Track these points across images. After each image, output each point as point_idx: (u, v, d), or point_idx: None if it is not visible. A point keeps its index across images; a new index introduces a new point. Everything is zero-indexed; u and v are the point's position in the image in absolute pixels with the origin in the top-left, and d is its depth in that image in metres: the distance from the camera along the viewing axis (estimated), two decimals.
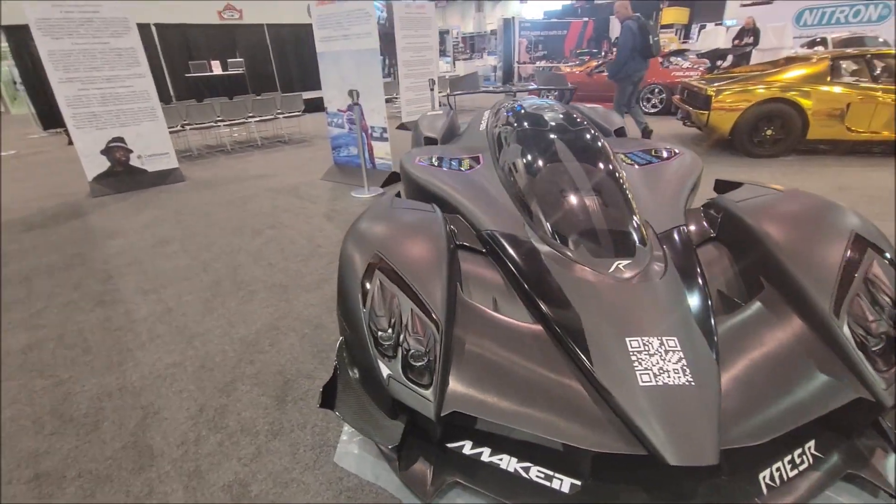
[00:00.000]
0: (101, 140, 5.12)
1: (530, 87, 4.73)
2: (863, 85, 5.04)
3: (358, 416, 1.49)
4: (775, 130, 5.27)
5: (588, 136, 2.57)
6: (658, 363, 1.34)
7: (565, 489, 1.35)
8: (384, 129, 4.87)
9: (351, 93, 4.56)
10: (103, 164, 5.21)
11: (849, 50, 5.97)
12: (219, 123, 7.20)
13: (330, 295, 2.77)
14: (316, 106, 10.05)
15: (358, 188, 4.84)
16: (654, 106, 8.59)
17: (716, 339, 1.44)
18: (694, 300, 1.55)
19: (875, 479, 1.35)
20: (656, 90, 8.53)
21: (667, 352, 1.36)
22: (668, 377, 1.30)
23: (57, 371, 2.21)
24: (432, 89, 5.87)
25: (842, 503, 1.38)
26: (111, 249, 3.67)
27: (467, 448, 1.48)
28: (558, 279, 1.65)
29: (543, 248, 1.84)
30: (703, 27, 23.09)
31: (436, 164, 2.87)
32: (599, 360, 1.37)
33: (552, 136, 2.58)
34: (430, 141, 3.82)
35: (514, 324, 1.63)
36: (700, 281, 1.65)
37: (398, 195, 2.40)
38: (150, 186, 5.42)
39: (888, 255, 1.57)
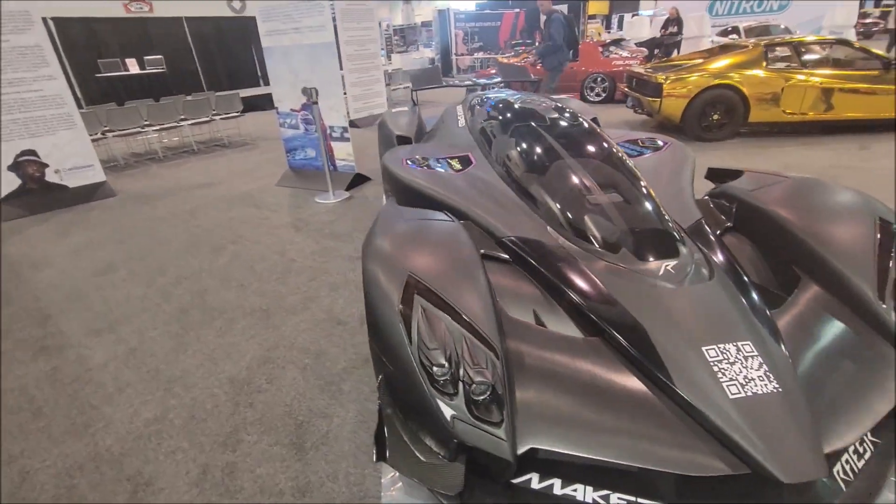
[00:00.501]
0: (7, 154, 4.38)
1: (496, 80, 4.64)
2: (793, 70, 5.43)
3: (413, 464, 1.31)
4: (721, 115, 5.56)
5: (590, 131, 2.49)
6: (741, 371, 1.27)
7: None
8: (345, 129, 4.57)
9: (308, 91, 4.22)
10: (13, 182, 4.48)
11: (779, 37, 6.41)
12: (146, 128, 6.46)
13: (321, 316, 2.52)
14: (252, 105, 9.38)
15: (321, 193, 4.51)
16: (597, 94, 8.84)
17: (782, 337, 1.40)
18: (748, 298, 1.51)
19: None
20: (599, 79, 8.77)
21: (746, 358, 1.30)
22: (756, 386, 1.24)
23: (3, 445, 1.80)
24: (388, 84, 5.61)
25: None
26: (41, 283, 3.13)
27: (535, 482, 1.35)
28: (608, 287, 1.55)
29: (576, 251, 1.73)
30: (622, 17, 24.31)
31: (426, 165, 2.68)
32: (679, 374, 1.28)
33: (554, 131, 2.47)
34: (404, 140, 3.61)
35: (569, 339, 1.50)
36: (745, 277, 1.62)
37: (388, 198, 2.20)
38: (73, 204, 4.74)
39: None
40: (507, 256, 1.88)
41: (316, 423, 1.80)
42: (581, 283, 1.60)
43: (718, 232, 1.98)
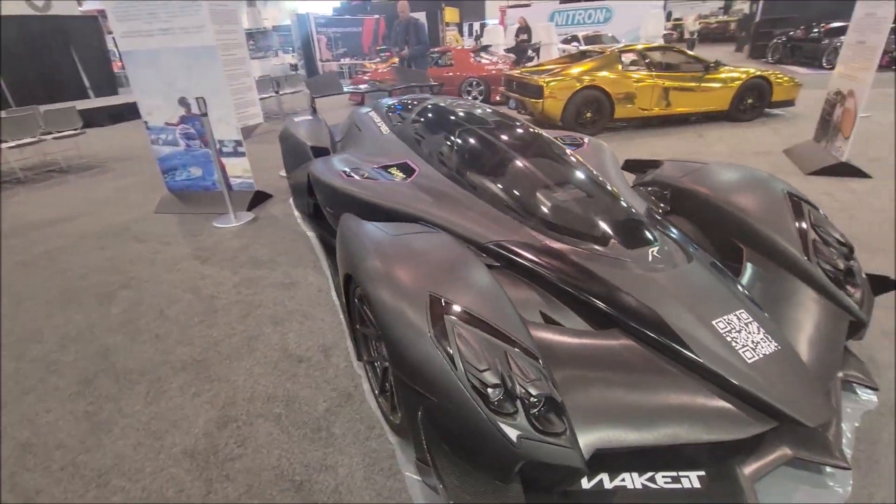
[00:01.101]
0: None
1: (399, 86, 4.56)
2: (642, 73, 6.33)
3: (475, 495, 1.22)
4: (592, 113, 6.25)
5: (535, 132, 2.59)
6: (748, 337, 1.43)
7: (697, 484, 1.35)
8: (238, 143, 4.08)
9: (185, 101, 3.66)
10: None
11: (629, 45, 7.38)
12: None
13: (275, 356, 2.21)
14: (88, 120, 7.90)
15: (220, 217, 3.96)
16: (474, 98, 9.28)
17: (757, 301, 1.62)
18: (721, 273, 1.71)
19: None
20: (475, 83, 9.21)
21: (746, 325, 1.46)
22: (763, 348, 1.41)
23: None
24: (277, 91, 5.14)
25: None
26: None
27: (584, 482, 1.36)
28: (608, 278, 1.62)
29: (567, 248, 1.78)
30: (471, 25, 25.90)
31: (367, 176, 2.53)
32: (701, 350, 1.40)
33: (504, 134, 2.52)
34: (321, 152, 3.36)
35: (589, 333, 1.54)
36: (707, 255, 1.83)
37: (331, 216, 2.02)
38: None
39: (814, 204, 1.99)
40: (494, 262, 1.87)
41: (320, 479, 1.57)
42: (583, 278, 1.65)
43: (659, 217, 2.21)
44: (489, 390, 1.20)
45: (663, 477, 1.36)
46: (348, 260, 1.74)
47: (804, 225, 1.88)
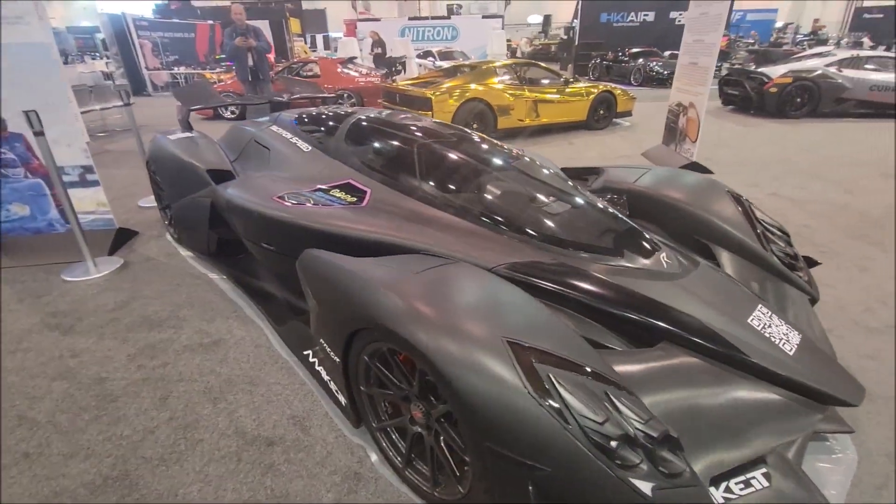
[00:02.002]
0: None
1: (295, 97, 3.98)
2: (516, 86, 6.77)
3: None
4: (478, 124, 6.45)
5: (498, 144, 2.48)
6: (778, 329, 1.51)
7: (765, 482, 1.36)
8: (87, 169, 3.15)
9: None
10: None
11: (500, 61, 7.79)
12: None
13: (233, 444, 1.69)
14: None
15: (71, 267, 3.00)
16: None
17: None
18: (724, 272, 1.80)
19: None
20: (346, 95, 8.83)
21: (771, 317, 1.55)
22: (793, 338, 1.50)
23: None
24: (128, 103, 4.10)
25: None
26: None
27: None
28: (641, 290, 1.57)
29: (584, 264, 1.69)
30: (314, 37, 25.22)
31: (315, 202, 2.15)
32: (750, 350, 1.43)
33: (469, 147, 2.36)
34: (223, 176, 2.78)
35: (646, 353, 1.47)
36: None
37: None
38: None
39: (750, 200, 2.26)
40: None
41: None
42: (614, 293, 1.58)
43: None
44: (613, 443, 1.03)
45: (736, 484, 1.34)
46: (352, 308, 1.39)
47: (751, 218, 2.11)
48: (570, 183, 2.21)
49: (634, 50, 15.71)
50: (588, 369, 1.16)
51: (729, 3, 4.43)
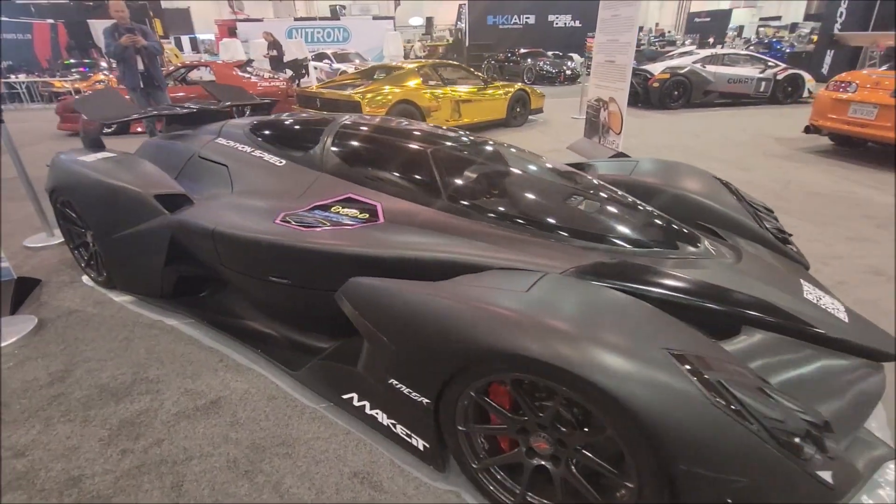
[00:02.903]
0: None
1: (223, 105, 3.40)
2: (440, 88, 6.74)
3: None
4: None
5: (504, 144, 2.39)
6: (825, 299, 1.64)
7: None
8: None
9: None
10: None
11: (425, 62, 7.67)
12: None
13: None
14: None
15: None
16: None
17: None
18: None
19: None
20: None
21: (814, 290, 1.68)
22: (837, 305, 1.64)
23: None
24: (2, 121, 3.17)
25: None
26: None
27: None
28: (710, 280, 1.60)
29: (645, 260, 1.68)
30: (178, 38, 22.94)
31: (329, 224, 1.90)
32: (818, 323, 1.52)
33: (482, 150, 2.23)
34: (178, 200, 2.33)
35: (743, 342, 1.48)
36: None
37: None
38: None
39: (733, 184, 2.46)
40: None
41: None
42: (691, 286, 1.59)
43: None
44: (796, 439, 1.02)
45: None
46: (459, 343, 1.22)
47: (742, 200, 2.30)
48: (591, 178, 2.21)
49: (523, 51, 16.65)
50: (739, 368, 1.14)
51: (639, 5, 4.84)
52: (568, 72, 15.17)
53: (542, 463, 1.30)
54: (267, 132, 2.65)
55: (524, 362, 1.13)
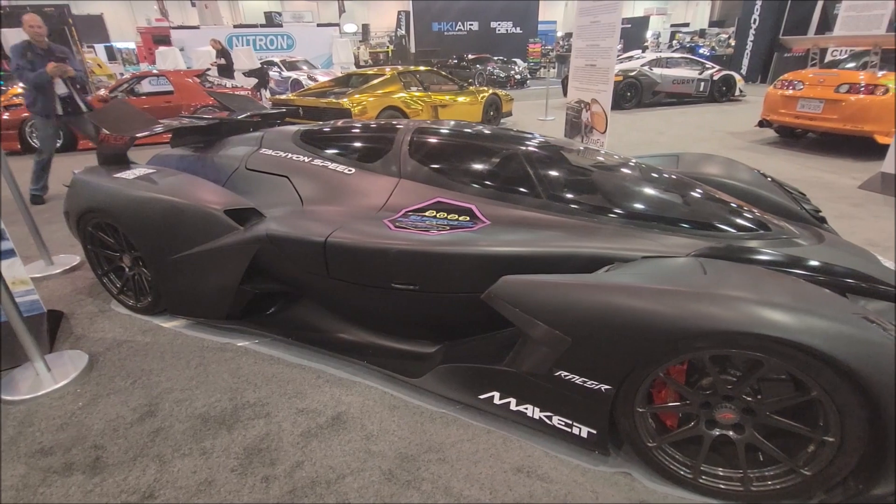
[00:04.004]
0: None
1: (245, 116, 3.18)
2: (421, 93, 6.77)
3: None
4: None
5: (569, 143, 2.48)
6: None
7: None
8: None
9: None
10: None
11: (404, 68, 7.62)
12: None
13: None
14: None
15: (5, 378, 2.02)
16: None
17: None
18: None
19: None
20: (214, 111, 7.65)
21: (884, 259, 1.92)
22: None
23: None
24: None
25: None
26: None
27: None
28: (817, 261, 1.73)
29: (750, 244, 1.82)
30: (93, 47, 21.33)
31: (437, 228, 1.91)
32: None
33: (562, 149, 2.32)
34: (246, 215, 2.24)
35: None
36: None
37: None
38: None
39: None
40: None
41: None
42: (795, 261, 1.74)
43: None
44: None
45: None
46: (653, 329, 1.29)
47: (781, 186, 2.56)
48: (669, 173, 2.34)
49: (471, 56, 17.03)
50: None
51: (620, 12, 5.18)
52: (517, 76, 15.69)
53: (723, 433, 1.40)
54: (323, 141, 2.59)
55: (736, 337, 1.22)
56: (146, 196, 2.26)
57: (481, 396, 1.75)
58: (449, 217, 2.00)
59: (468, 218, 1.98)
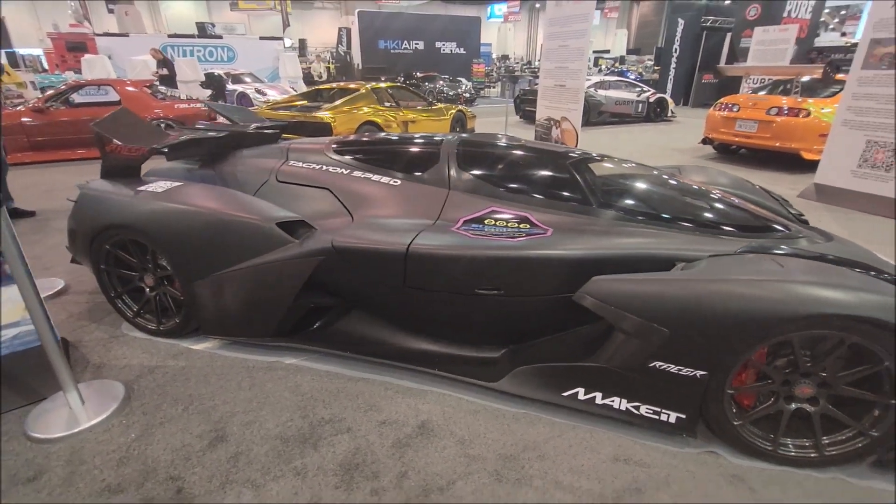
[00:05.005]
0: None
1: (255, 128, 3.02)
2: (393, 108, 6.83)
3: None
4: None
5: (601, 154, 2.66)
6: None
7: None
8: None
9: None
10: None
11: (378, 84, 7.57)
12: None
13: None
14: None
15: (36, 412, 1.80)
16: None
17: None
18: None
19: None
20: (164, 125, 7.17)
21: (880, 253, 2.26)
22: None
23: None
24: None
25: None
26: None
27: None
28: (833, 254, 2.02)
29: (780, 242, 2.07)
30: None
31: (507, 236, 2.00)
32: None
33: (606, 159, 2.50)
34: (293, 227, 2.21)
35: None
36: None
37: None
38: None
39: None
40: None
41: None
42: (818, 255, 2.01)
43: None
44: None
45: None
46: (757, 318, 1.45)
47: (769, 194, 2.92)
48: (692, 182, 2.58)
49: (420, 74, 17.33)
50: None
51: (588, 37, 5.60)
52: (466, 94, 16.19)
53: (800, 406, 1.60)
54: (360, 153, 2.59)
55: (832, 319, 1.41)
56: (187, 210, 2.14)
57: (565, 394, 1.84)
58: (509, 225, 2.08)
59: (528, 225, 2.08)
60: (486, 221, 2.12)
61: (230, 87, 13.00)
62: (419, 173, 2.39)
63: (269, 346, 2.29)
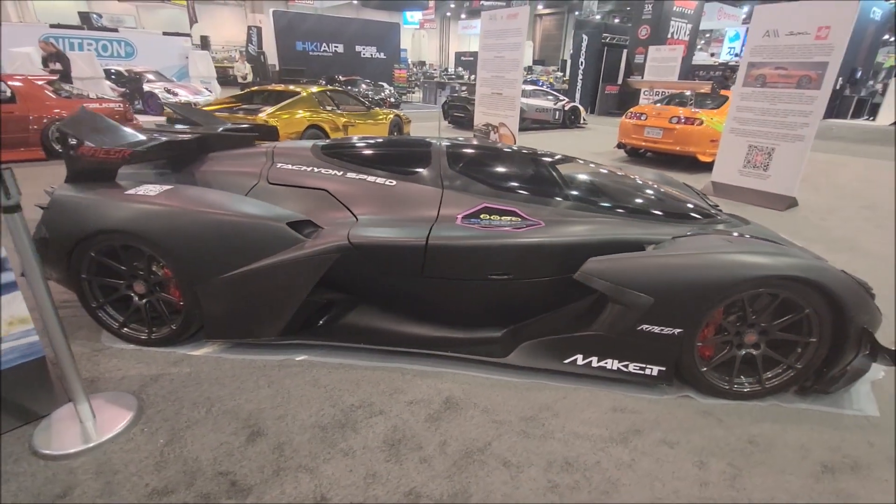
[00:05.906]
0: None
1: (225, 129, 2.84)
2: (336, 113, 6.81)
3: None
4: None
5: (563, 154, 3.00)
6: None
7: None
8: None
9: None
10: None
11: (326, 87, 7.39)
12: None
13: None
14: None
15: (45, 427, 1.69)
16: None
17: None
18: None
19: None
20: None
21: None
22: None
23: None
24: None
25: None
26: None
27: None
28: (756, 233, 2.58)
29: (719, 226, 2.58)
30: None
31: (507, 227, 2.28)
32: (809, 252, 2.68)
33: (568, 159, 2.82)
34: (303, 225, 2.31)
35: None
36: None
37: None
38: None
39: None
40: None
41: None
42: (753, 236, 2.54)
43: None
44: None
45: None
46: (724, 278, 1.87)
47: (690, 187, 3.51)
48: (635, 177, 3.02)
49: (342, 78, 17.14)
50: None
51: (523, 50, 6.08)
52: (391, 99, 16.32)
53: (747, 351, 2.04)
54: (349, 156, 2.69)
55: (772, 280, 1.85)
56: (193, 212, 2.11)
57: (566, 361, 2.14)
58: (502, 219, 2.35)
59: (520, 219, 2.36)
60: (481, 216, 2.36)
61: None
62: (413, 174, 2.56)
63: (275, 346, 2.32)
